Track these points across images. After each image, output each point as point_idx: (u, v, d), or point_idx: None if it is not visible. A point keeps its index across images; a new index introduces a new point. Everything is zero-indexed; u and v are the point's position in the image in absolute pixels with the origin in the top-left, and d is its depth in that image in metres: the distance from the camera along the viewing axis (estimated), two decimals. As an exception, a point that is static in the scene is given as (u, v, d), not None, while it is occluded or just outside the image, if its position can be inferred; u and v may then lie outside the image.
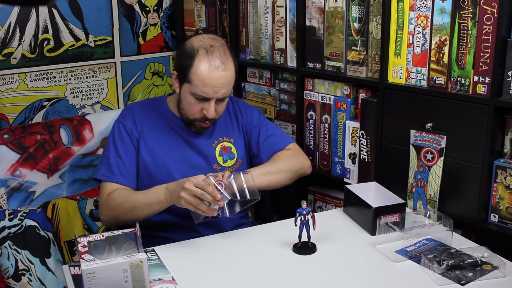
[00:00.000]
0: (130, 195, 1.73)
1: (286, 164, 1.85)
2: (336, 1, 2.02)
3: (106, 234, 1.45)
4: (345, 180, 2.12)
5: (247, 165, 1.94)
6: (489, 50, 1.64)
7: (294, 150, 1.93)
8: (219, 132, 1.88)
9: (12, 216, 1.84)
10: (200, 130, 1.82)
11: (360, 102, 2.01)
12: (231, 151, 1.89)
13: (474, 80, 1.69)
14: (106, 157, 1.81)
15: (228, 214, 1.60)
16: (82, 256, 1.35)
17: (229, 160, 1.88)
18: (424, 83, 1.82)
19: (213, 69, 1.68)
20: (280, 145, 1.92)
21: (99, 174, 1.80)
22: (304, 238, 1.60)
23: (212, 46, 1.71)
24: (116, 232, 1.46)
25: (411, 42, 1.83)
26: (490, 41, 1.63)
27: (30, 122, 2.43)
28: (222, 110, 1.80)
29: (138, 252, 1.37)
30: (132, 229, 1.49)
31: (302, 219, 1.57)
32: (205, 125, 1.79)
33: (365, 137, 2.00)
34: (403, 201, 1.72)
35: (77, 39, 2.50)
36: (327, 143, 2.18)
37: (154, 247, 1.63)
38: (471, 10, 1.66)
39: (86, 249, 1.38)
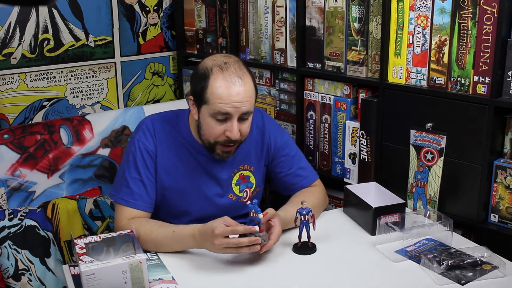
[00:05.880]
0: (153, 230, 1.61)
1: (319, 204, 1.81)
2: (336, 1, 2.02)
3: (103, 235, 1.45)
4: (345, 180, 2.12)
5: (262, 192, 1.89)
6: (489, 50, 1.64)
7: (321, 187, 1.87)
8: (240, 158, 1.77)
9: (12, 216, 1.84)
10: (224, 155, 1.68)
11: (360, 102, 2.01)
12: (249, 180, 1.80)
13: (474, 80, 1.69)
14: (125, 179, 1.69)
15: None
16: (81, 257, 1.34)
17: (246, 190, 1.80)
18: (424, 83, 1.82)
19: (230, 85, 1.57)
20: (307, 182, 1.85)
21: (119, 198, 1.69)
22: (304, 238, 1.60)
23: (226, 63, 1.61)
24: (114, 234, 1.46)
25: (411, 42, 1.82)
26: (490, 41, 1.63)
27: (30, 122, 2.43)
28: (247, 131, 1.66)
29: (136, 254, 1.36)
30: (129, 230, 1.49)
31: (302, 219, 1.57)
32: (229, 148, 1.66)
33: (365, 137, 2.00)
34: (403, 201, 1.72)
35: (77, 39, 2.49)
36: (327, 143, 2.18)
37: (154, 248, 1.63)
38: (471, 10, 1.66)
39: (84, 250, 1.38)
